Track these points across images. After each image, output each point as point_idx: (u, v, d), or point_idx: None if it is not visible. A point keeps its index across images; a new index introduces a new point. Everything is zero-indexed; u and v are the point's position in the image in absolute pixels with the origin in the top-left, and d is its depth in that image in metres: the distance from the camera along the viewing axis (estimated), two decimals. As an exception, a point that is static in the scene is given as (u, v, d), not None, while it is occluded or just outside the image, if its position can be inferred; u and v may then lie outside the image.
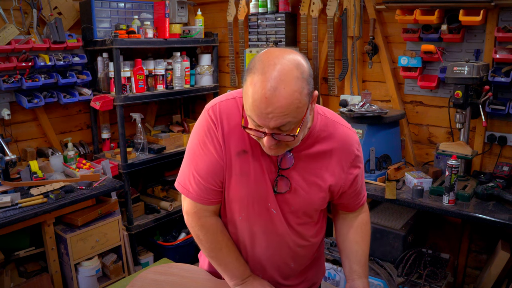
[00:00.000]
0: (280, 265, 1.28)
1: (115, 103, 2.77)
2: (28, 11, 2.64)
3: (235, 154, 1.13)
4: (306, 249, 1.30)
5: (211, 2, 3.42)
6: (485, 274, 2.21)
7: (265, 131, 0.99)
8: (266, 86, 0.93)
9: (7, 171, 2.35)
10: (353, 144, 1.22)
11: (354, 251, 1.31)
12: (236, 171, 1.14)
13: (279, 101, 0.94)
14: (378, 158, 2.31)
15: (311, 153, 1.17)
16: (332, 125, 1.19)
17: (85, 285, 2.49)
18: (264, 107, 0.94)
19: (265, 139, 1.01)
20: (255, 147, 1.13)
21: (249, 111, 0.99)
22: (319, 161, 1.18)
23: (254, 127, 1.02)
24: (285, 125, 0.97)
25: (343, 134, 1.20)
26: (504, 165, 2.21)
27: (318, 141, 1.17)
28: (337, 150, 1.19)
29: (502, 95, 2.25)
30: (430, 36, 2.34)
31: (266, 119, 0.96)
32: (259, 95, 0.94)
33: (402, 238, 2.08)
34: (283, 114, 0.95)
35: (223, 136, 1.13)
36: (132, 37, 2.78)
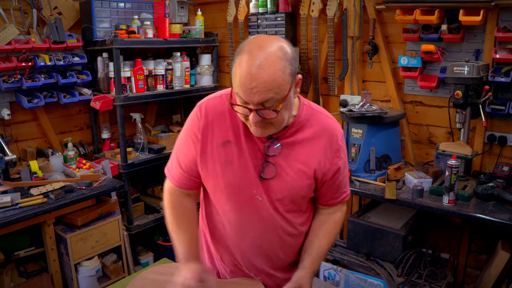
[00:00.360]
0: (270, 255, 1.31)
1: (115, 103, 2.77)
2: (28, 11, 2.64)
3: (220, 144, 1.22)
4: (295, 238, 1.32)
5: (211, 2, 3.42)
6: (485, 274, 2.21)
7: (251, 107, 1.07)
8: (252, 64, 1.03)
9: (7, 171, 2.35)
10: (337, 134, 1.27)
11: (311, 242, 1.33)
12: (221, 161, 1.22)
13: (263, 77, 1.03)
14: (378, 158, 2.31)
15: (297, 140, 1.22)
16: (317, 115, 1.26)
17: (85, 285, 2.49)
18: (249, 82, 1.04)
19: (251, 115, 1.08)
20: (238, 137, 1.21)
21: (237, 88, 1.08)
22: (305, 149, 1.23)
23: (241, 105, 1.09)
24: (268, 101, 1.05)
25: (328, 124, 1.26)
26: (504, 165, 2.21)
27: (304, 129, 1.23)
28: (322, 139, 1.24)
29: (502, 95, 2.25)
30: (430, 36, 2.34)
31: (251, 94, 1.04)
32: (245, 72, 1.04)
33: (402, 238, 2.08)
34: (266, 89, 1.04)
35: (205, 130, 1.23)
36: (132, 37, 2.78)
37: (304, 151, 1.22)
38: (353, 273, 2.24)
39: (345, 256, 2.27)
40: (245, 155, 1.21)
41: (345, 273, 2.26)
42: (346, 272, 2.26)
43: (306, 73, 2.97)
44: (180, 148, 1.29)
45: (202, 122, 1.23)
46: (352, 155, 2.38)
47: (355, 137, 2.36)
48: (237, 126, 1.22)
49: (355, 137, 2.36)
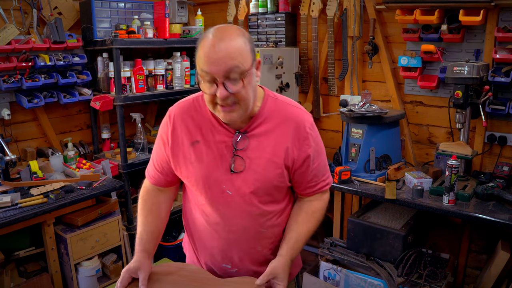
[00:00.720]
0: (248, 250, 1.31)
1: (115, 103, 2.76)
2: (28, 11, 2.64)
3: (189, 145, 1.27)
4: (271, 230, 1.32)
5: (211, 2, 3.42)
6: (485, 274, 2.21)
7: (217, 81, 1.11)
8: (214, 40, 1.11)
9: (7, 171, 2.35)
10: (304, 122, 1.28)
11: (289, 230, 1.33)
12: (192, 160, 1.27)
13: (226, 47, 1.10)
14: (378, 158, 2.31)
15: (264, 131, 1.25)
16: (283, 106, 1.29)
17: (85, 285, 2.49)
18: (213, 54, 1.10)
19: (219, 91, 1.12)
20: (207, 135, 1.27)
21: (201, 64, 1.12)
22: (272, 139, 1.25)
23: (208, 82, 1.13)
24: (233, 71, 1.10)
25: (294, 114, 1.28)
26: (504, 165, 2.21)
27: (270, 120, 1.26)
28: (289, 128, 1.26)
29: (502, 95, 2.25)
30: (430, 36, 2.34)
31: (216, 65, 1.10)
32: (208, 47, 1.11)
33: (402, 238, 2.08)
34: (230, 57, 1.10)
35: (174, 133, 1.30)
36: (132, 37, 2.78)
37: (272, 142, 1.25)
38: (353, 273, 2.24)
39: (345, 256, 2.27)
40: (214, 152, 1.25)
41: (345, 273, 2.26)
42: (346, 272, 2.26)
43: (306, 73, 2.97)
44: (155, 151, 1.39)
45: (171, 126, 1.30)
46: (352, 155, 2.38)
47: (355, 137, 2.36)
48: (205, 125, 1.27)
49: (355, 137, 2.36)
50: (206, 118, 1.27)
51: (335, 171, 2.28)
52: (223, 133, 1.26)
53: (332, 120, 2.99)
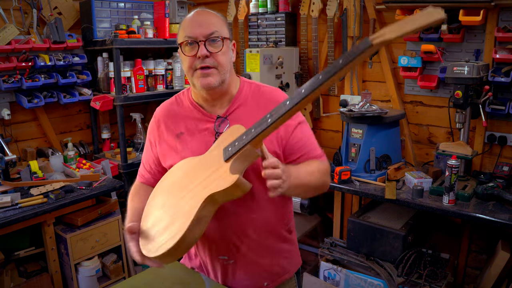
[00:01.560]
0: (242, 238, 1.29)
1: (115, 103, 2.76)
2: (28, 11, 2.64)
3: (174, 137, 1.33)
4: (263, 213, 1.30)
5: (211, 2, 3.42)
6: (485, 274, 2.21)
7: (198, 40, 1.21)
8: (196, 12, 1.26)
9: (7, 171, 2.35)
10: (280, 98, 1.30)
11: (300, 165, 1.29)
12: (178, 151, 1.32)
13: (208, 16, 1.25)
14: (378, 158, 2.31)
15: (244, 114, 1.29)
16: (259, 88, 1.36)
17: (85, 285, 2.49)
18: (195, 18, 1.24)
19: (199, 50, 1.20)
20: (190, 126, 1.32)
21: (184, 29, 1.24)
22: (254, 119, 1.22)
23: (190, 45, 1.22)
24: (214, 33, 1.22)
25: (271, 93, 1.35)
26: (504, 165, 2.21)
27: (248, 103, 1.31)
28: (268, 107, 1.22)
29: (502, 95, 2.25)
30: (430, 36, 2.34)
31: (198, 26, 1.22)
32: (191, 17, 1.25)
33: (402, 238, 2.08)
34: (211, 22, 1.23)
35: (159, 131, 1.37)
36: (132, 37, 2.78)
37: (255, 121, 1.21)
38: (353, 273, 2.24)
39: (345, 256, 2.27)
40: (198, 139, 1.30)
41: (345, 273, 2.26)
42: (346, 272, 2.26)
43: (306, 73, 2.97)
44: (144, 152, 1.47)
45: (155, 125, 1.39)
46: (352, 155, 2.38)
47: (355, 137, 2.36)
48: (187, 117, 1.33)
49: (355, 137, 2.36)
50: (188, 110, 1.34)
51: (335, 171, 2.28)
52: (205, 120, 1.30)
53: (332, 120, 2.99)
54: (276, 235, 1.36)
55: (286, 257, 1.40)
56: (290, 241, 1.43)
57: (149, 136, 1.42)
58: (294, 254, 1.46)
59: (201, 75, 1.23)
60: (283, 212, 1.38)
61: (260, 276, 1.35)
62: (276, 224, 1.36)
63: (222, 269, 1.34)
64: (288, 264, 1.41)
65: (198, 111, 1.32)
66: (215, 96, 1.28)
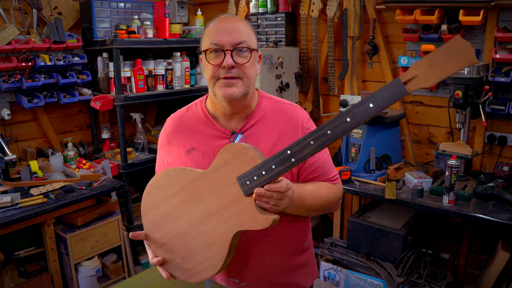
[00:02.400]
0: (255, 262, 1.25)
1: (115, 103, 2.76)
2: (28, 11, 2.64)
3: (185, 153, 1.26)
4: (280, 240, 1.26)
5: (211, 2, 3.42)
6: (485, 274, 2.21)
7: (225, 49, 1.14)
8: (224, 18, 1.19)
9: (7, 171, 2.35)
10: (300, 118, 1.27)
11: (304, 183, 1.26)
12: (189, 167, 1.24)
13: (236, 22, 1.18)
14: (378, 158, 2.31)
15: (261, 130, 1.23)
16: (277, 105, 1.29)
17: (85, 285, 2.49)
18: (224, 26, 1.16)
19: (225, 59, 1.13)
20: (202, 141, 1.25)
21: (210, 36, 1.16)
22: (271, 137, 1.22)
23: (215, 53, 1.15)
24: (242, 43, 1.15)
25: (290, 111, 1.27)
26: (504, 165, 2.21)
27: (266, 119, 1.25)
28: (287, 126, 1.24)
29: (502, 95, 2.25)
30: (430, 36, 2.34)
31: (226, 34, 1.14)
32: (219, 23, 1.18)
33: (402, 238, 2.08)
34: (239, 31, 1.16)
35: (170, 142, 1.30)
36: (132, 37, 2.78)
37: (270, 140, 1.21)
38: (353, 273, 2.24)
39: (345, 256, 2.27)
40: (210, 156, 1.21)
41: (345, 273, 2.27)
42: (346, 272, 2.26)
43: (306, 73, 2.97)
44: (157, 162, 1.38)
45: (166, 142, 1.32)
46: (352, 155, 2.38)
47: (355, 137, 2.36)
48: (200, 132, 1.26)
49: (355, 137, 2.36)
50: (201, 124, 1.26)
51: (335, 171, 2.28)
52: (219, 136, 1.23)
53: (332, 120, 2.99)
54: (292, 254, 1.32)
55: (302, 273, 1.36)
56: (307, 257, 1.38)
57: (161, 152, 1.34)
58: (310, 269, 1.40)
59: (224, 85, 1.15)
60: (300, 231, 1.33)
61: None
62: (292, 243, 1.31)
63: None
64: (303, 280, 1.36)
65: (212, 125, 1.25)
66: (235, 108, 1.21)
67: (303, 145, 0.98)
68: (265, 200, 1.04)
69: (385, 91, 0.87)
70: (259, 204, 1.05)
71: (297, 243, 1.33)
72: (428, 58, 0.82)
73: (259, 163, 1.04)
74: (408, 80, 0.84)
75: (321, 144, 0.96)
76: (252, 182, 1.04)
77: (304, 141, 0.98)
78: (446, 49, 0.80)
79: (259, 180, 1.03)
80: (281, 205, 1.06)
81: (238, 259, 1.23)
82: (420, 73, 0.83)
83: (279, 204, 1.05)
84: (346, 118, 0.92)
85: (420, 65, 0.83)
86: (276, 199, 1.04)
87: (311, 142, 0.97)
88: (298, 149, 0.98)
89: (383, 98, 0.87)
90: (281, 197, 1.05)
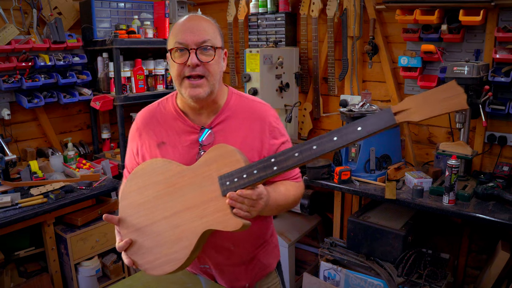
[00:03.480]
0: (221, 250, 1.30)
1: (115, 103, 2.77)
2: (28, 11, 2.64)
3: (155, 147, 1.28)
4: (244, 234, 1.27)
5: (211, 2, 3.42)
6: (485, 274, 2.21)
7: (190, 48, 1.17)
8: (189, 18, 1.21)
9: (7, 171, 2.35)
10: (269, 117, 1.30)
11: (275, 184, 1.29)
12: None
13: (200, 21, 1.21)
14: (378, 158, 2.31)
15: (229, 127, 1.27)
16: (248, 102, 1.32)
17: (85, 285, 2.49)
18: (188, 25, 1.19)
19: (190, 58, 1.16)
20: (172, 136, 1.28)
21: (175, 35, 1.19)
22: (239, 134, 1.26)
23: (180, 52, 1.18)
24: (206, 41, 1.18)
25: (259, 109, 1.31)
26: (504, 165, 2.21)
27: (235, 116, 1.28)
28: (254, 124, 1.27)
29: (502, 95, 2.24)
30: (430, 36, 2.34)
31: (190, 33, 1.17)
32: (183, 22, 1.21)
33: (402, 238, 2.08)
34: (203, 30, 1.19)
35: (140, 137, 1.32)
36: (132, 37, 2.78)
37: (239, 136, 1.25)
38: (353, 273, 2.24)
39: (345, 256, 2.27)
40: (180, 151, 1.26)
41: (345, 273, 2.27)
42: (346, 272, 2.26)
43: (306, 73, 2.97)
44: (127, 156, 1.40)
45: (137, 135, 1.33)
46: (352, 155, 2.38)
47: (355, 137, 2.36)
48: (170, 127, 1.29)
49: (355, 137, 2.36)
50: (171, 119, 1.30)
51: (335, 171, 2.28)
52: (188, 131, 1.27)
53: (332, 120, 2.99)
54: (256, 243, 1.37)
55: (265, 256, 1.42)
56: (270, 243, 1.45)
57: (131, 144, 1.36)
58: (273, 250, 1.47)
59: (190, 86, 1.18)
60: (264, 223, 1.38)
61: (240, 278, 1.37)
62: (257, 233, 1.36)
63: (206, 275, 1.37)
64: (267, 261, 1.43)
65: (182, 120, 1.28)
66: (202, 104, 1.25)
67: (288, 155, 1.01)
68: (238, 205, 1.06)
69: (375, 118, 0.91)
70: (232, 206, 1.07)
71: (261, 236, 1.39)
72: (423, 95, 0.88)
73: (243, 166, 1.06)
74: (399, 111, 0.89)
75: (306, 157, 0.98)
76: (231, 183, 1.07)
77: (290, 152, 1.01)
78: (441, 91, 0.86)
79: (238, 182, 1.06)
80: (252, 212, 1.07)
81: (207, 247, 1.27)
82: (413, 107, 0.88)
83: (251, 211, 1.07)
84: (333, 137, 0.96)
85: (415, 100, 0.88)
86: (248, 205, 1.06)
87: (295, 154, 1.00)
88: (282, 159, 1.01)
89: (373, 124, 0.92)
90: (253, 204, 1.07)
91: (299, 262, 2.98)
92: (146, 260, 1.16)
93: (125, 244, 1.19)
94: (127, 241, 1.19)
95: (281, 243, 2.59)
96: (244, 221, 1.06)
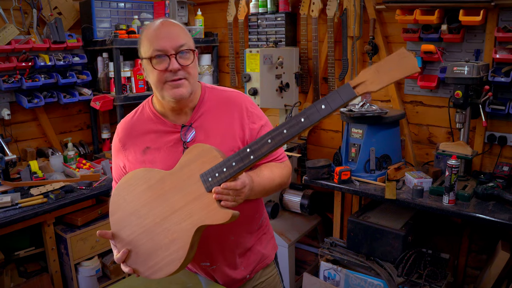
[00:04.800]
0: (222, 241, 1.33)
1: (115, 103, 2.77)
2: (28, 11, 2.64)
3: (141, 153, 1.31)
4: (239, 218, 1.29)
5: (211, 2, 3.42)
6: (485, 274, 2.21)
7: (169, 54, 1.18)
8: (161, 24, 1.22)
9: (7, 171, 2.35)
10: (244, 102, 1.34)
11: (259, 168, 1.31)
12: (146, 166, 1.29)
13: (173, 26, 1.23)
14: (378, 158, 2.31)
15: (209, 120, 1.30)
16: (221, 93, 1.36)
17: (85, 285, 2.49)
18: (161, 30, 1.20)
19: (171, 64, 1.18)
20: (155, 139, 1.31)
21: (152, 44, 1.19)
22: (219, 126, 1.30)
23: (159, 59, 1.19)
24: (184, 45, 1.20)
25: (233, 97, 1.35)
26: (504, 165, 2.21)
27: (212, 109, 1.31)
28: (233, 112, 1.31)
29: (502, 95, 2.25)
30: (430, 36, 2.34)
31: (167, 39, 1.19)
32: (157, 28, 1.21)
33: (402, 238, 2.08)
34: (180, 35, 1.21)
35: (124, 147, 1.34)
36: (132, 37, 2.78)
37: (220, 128, 1.29)
38: (353, 273, 2.24)
39: (345, 256, 2.27)
40: (165, 152, 1.28)
41: (345, 273, 2.27)
42: (346, 272, 2.26)
43: (306, 73, 2.97)
44: (113, 167, 1.42)
45: (121, 147, 1.35)
46: (352, 155, 2.38)
47: (355, 137, 2.36)
48: (151, 132, 1.31)
49: (355, 137, 2.36)
50: (151, 123, 1.32)
51: (335, 171, 2.28)
52: (170, 131, 1.29)
53: (332, 120, 2.99)
54: (251, 230, 1.41)
55: (264, 246, 1.47)
56: (264, 230, 1.49)
57: (116, 157, 1.37)
58: (270, 240, 1.51)
59: (172, 86, 1.21)
60: (255, 208, 1.42)
61: (241, 270, 1.40)
62: (250, 220, 1.40)
63: (205, 273, 1.39)
64: (266, 251, 1.47)
65: (162, 122, 1.31)
66: (182, 105, 1.27)
67: (261, 143, 1.05)
68: (224, 198, 1.10)
69: (336, 94, 0.95)
70: (218, 199, 1.11)
71: (254, 219, 1.42)
72: (375, 66, 0.92)
73: (221, 161, 1.10)
74: (357, 84, 0.93)
75: (278, 142, 1.03)
76: (214, 179, 1.11)
77: (262, 140, 1.05)
78: (391, 59, 0.90)
79: (220, 177, 1.10)
80: (239, 200, 1.12)
81: (205, 244, 1.31)
82: (368, 79, 0.92)
83: (237, 200, 1.12)
84: (300, 118, 0.99)
85: (368, 71, 0.92)
86: (234, 195, 1.10)
87: (268, 141, 1.04)
88: (257, 147, 1.06)
89: (335, 100, 0.95)
90: (238, 193, 1.11)
91: (299, 262, 2.98)
92: (146, 266, 1.19)
93: (123, 255, 1.22)
94: (124, 251, 1.22)
95: (281, 243, 2.59)
96: (233, 211, 1.09)
